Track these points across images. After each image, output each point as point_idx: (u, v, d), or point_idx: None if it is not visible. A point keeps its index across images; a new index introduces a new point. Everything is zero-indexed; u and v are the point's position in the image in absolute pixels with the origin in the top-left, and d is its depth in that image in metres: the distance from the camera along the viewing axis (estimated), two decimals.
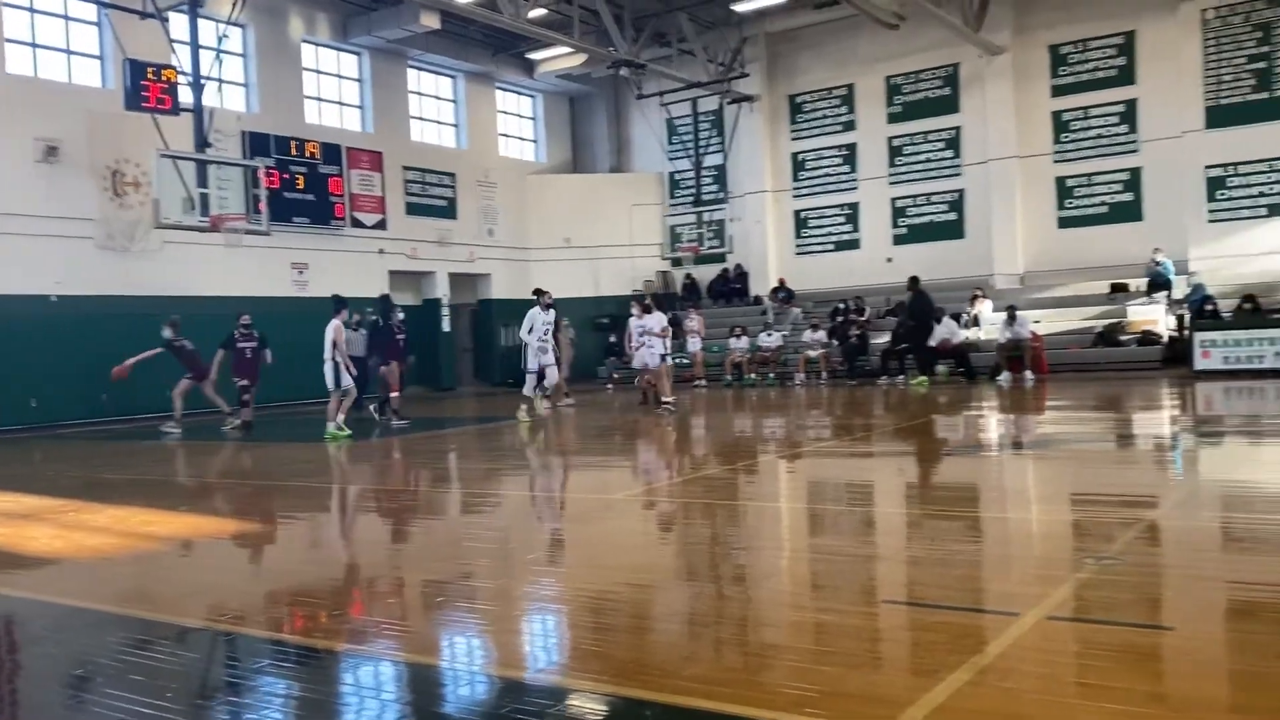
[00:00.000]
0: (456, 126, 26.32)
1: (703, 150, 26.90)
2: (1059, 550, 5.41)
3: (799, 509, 7.42)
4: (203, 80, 16.86)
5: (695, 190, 26.85)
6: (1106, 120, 22.44)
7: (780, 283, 25.83)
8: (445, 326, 25.13)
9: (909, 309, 19.33)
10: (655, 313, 16.01)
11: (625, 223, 27.77)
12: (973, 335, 20.56)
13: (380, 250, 23.38)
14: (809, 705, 3.12)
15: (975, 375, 18.85)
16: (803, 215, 26.45)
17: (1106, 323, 20.19)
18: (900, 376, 19.28)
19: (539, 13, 20.54)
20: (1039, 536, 5.92)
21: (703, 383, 21.40)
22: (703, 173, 26.92)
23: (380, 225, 23.56)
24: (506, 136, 27.89)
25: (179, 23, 17.17)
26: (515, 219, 27.14)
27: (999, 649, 3.58)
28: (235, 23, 18.55)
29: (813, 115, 26.15)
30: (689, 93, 25.54)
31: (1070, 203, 22.96)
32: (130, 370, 14.98)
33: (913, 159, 24.78)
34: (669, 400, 15.11)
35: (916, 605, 4.39)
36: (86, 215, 18.05)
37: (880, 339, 21.02)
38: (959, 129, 24.10)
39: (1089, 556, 4.95)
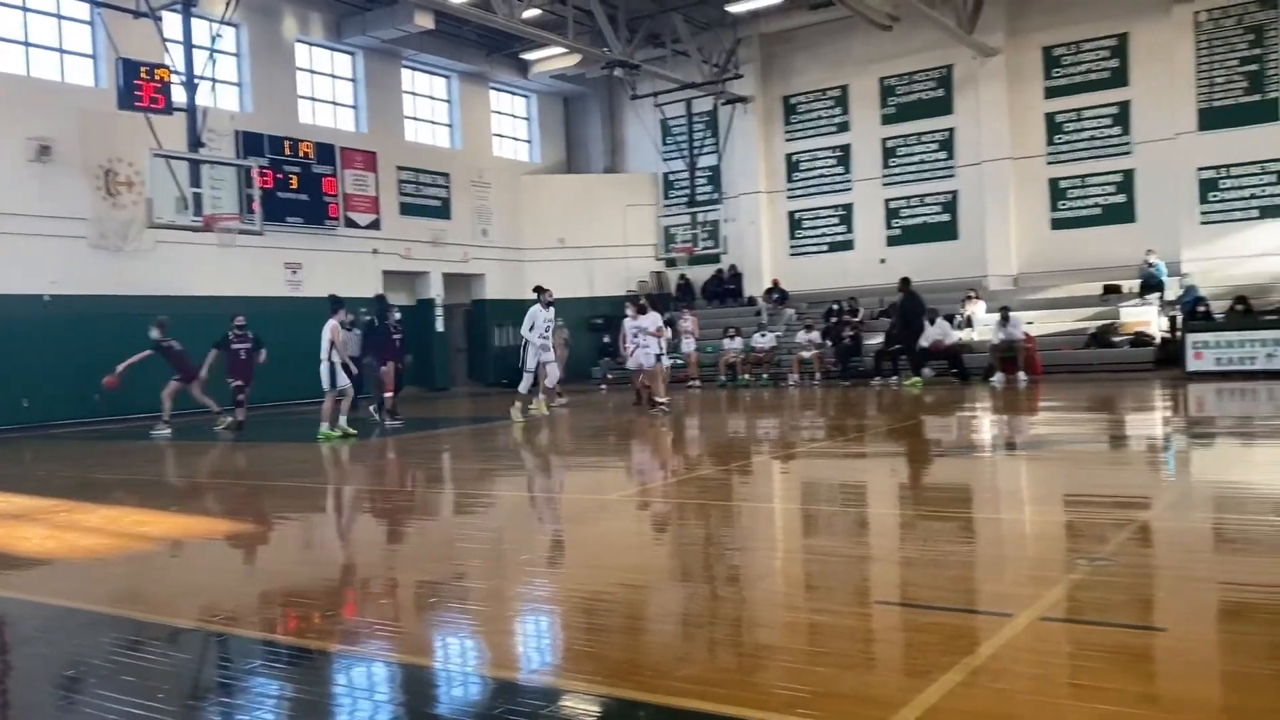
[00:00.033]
0: (451, 126, 26.29)
1: (697, 151, 26.90)
2: (1052, 551, 5.42)
3: (793, 510, 7.43)
4: (196, 80, 16.83)
5: (689, 191, 26.86)
6: (1100, 122, 22.50)
7: (774, 283, 25.86)
8: (439, 327, 25.11)
9: (899, 310, 19.37)
10: (650, 313, 16.02)
11: (619, 223, 27.77)
12: (966, 336, 20.60)
13: (374, 250, 23.35)
14: (802, 706, 3.12)
15: (968, 376, 18.89)
16: (797, 216, 26.47)
17: (1099, 324, 20.24)
18: (894, 377, 19.31)
19: (533, 13, 20.52)
20: (1032, 537, 5.93)
21: (697, 383, 21.42)
22: (697, 173, 26.92)
23: (374, 225, 23.53)
24: (501, 137, 27.87)
25: (172, 22, 17.15)
26: (509, 219, 27.12)
27: (992, 650, 3.59)
28: (229, 22, 18.51)
29: (807, 116, 26.18)
30: (683, 93, 25.55)
31: (1063, 204, 23.01)
32: (120, 379, 14.95)
33: (906, 160, 24.82)
34: (663, 401, 15.11)
35: (910, 606, 4.39)
36: (79, 215, 18.00)
37: (874, 340, 21.05)
38: (953, 130, 24.15)
39: (1082, 557, 4.96)
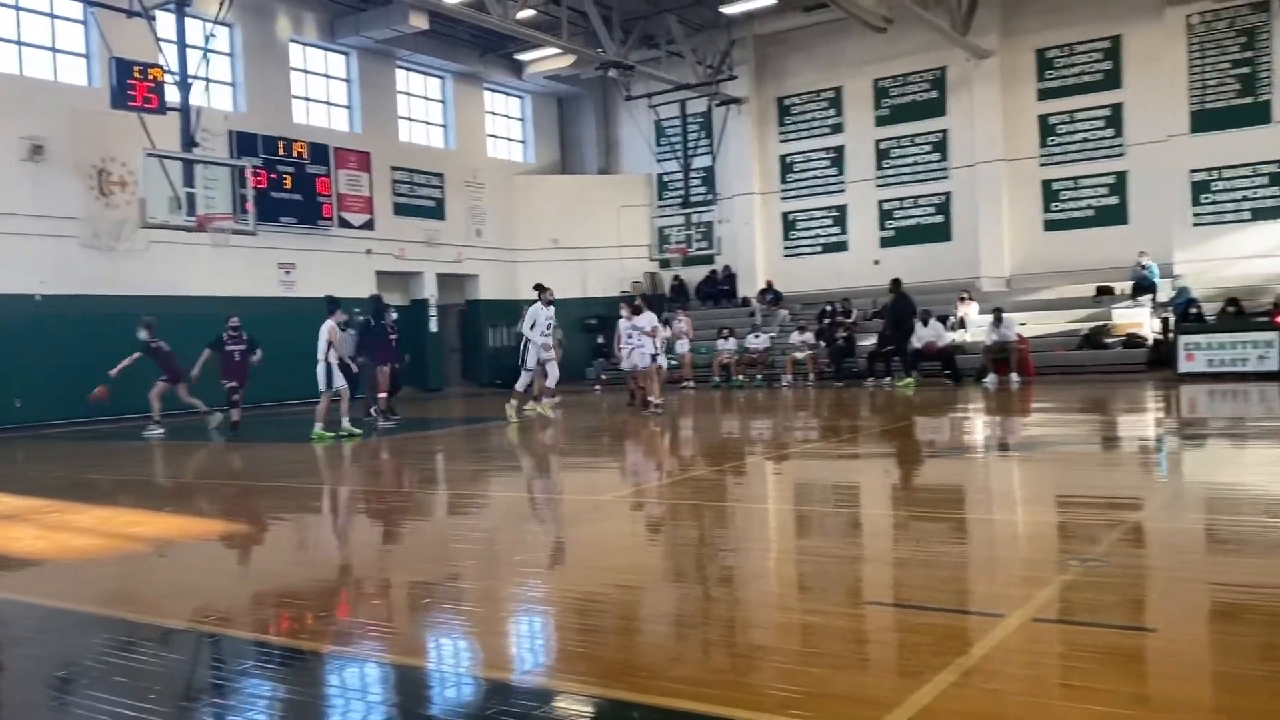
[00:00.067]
0: (445, 127, 26.27)
1: (691, 152, 26.91)
2: (1044, 552, 5.43)
3: (786, 510, 7.44)
4: (190, 79, 16.78)
5: (683, 192, 26.87)
6: (1093, 124, 22.57)
7: (768, 284, 25.88)
8: (433, 327, 25.08)
9: (890, 311, 19.40)
10: (646, 313, 16.02)
11: (613, 224, 27.77)
12: (959, 337, 20.64)
13: (368, 250, 23.32)
14: (795, 707, 3.13)
15: (961, 377, 18.93)
16: (790, 217, 26.50)
17: (1092, 325, 20.30)
18: (887, 378, 19.34)
19: (527, 14, 20.50)
20: (1024, 538, 5.94)
21: (690, 384, 21.42)
22: (691, 174, 26.94)
23: (368, 225, 23.50)
24: (495, 137, 27.85)
25: (166, 21, 17.09)
26: (503, 220, 27.10)
27: (984, 650, 3.60)
28: (222, 22, 18.46)
29: (801, 117, 26.21)
30: (677, 94, 25.57)
31: (1056, 206, 23.07)
32: (109, 391, 14.97)
33: (900, 162, 24.86)
34: (657, 402, 15.11)
35: (902, 607, 4.40)
36: (72, 214, 17.94)
37: (867, 341, 21.07)
38: (946, 132, 24.20)
39: (1074, 558, 4.97)
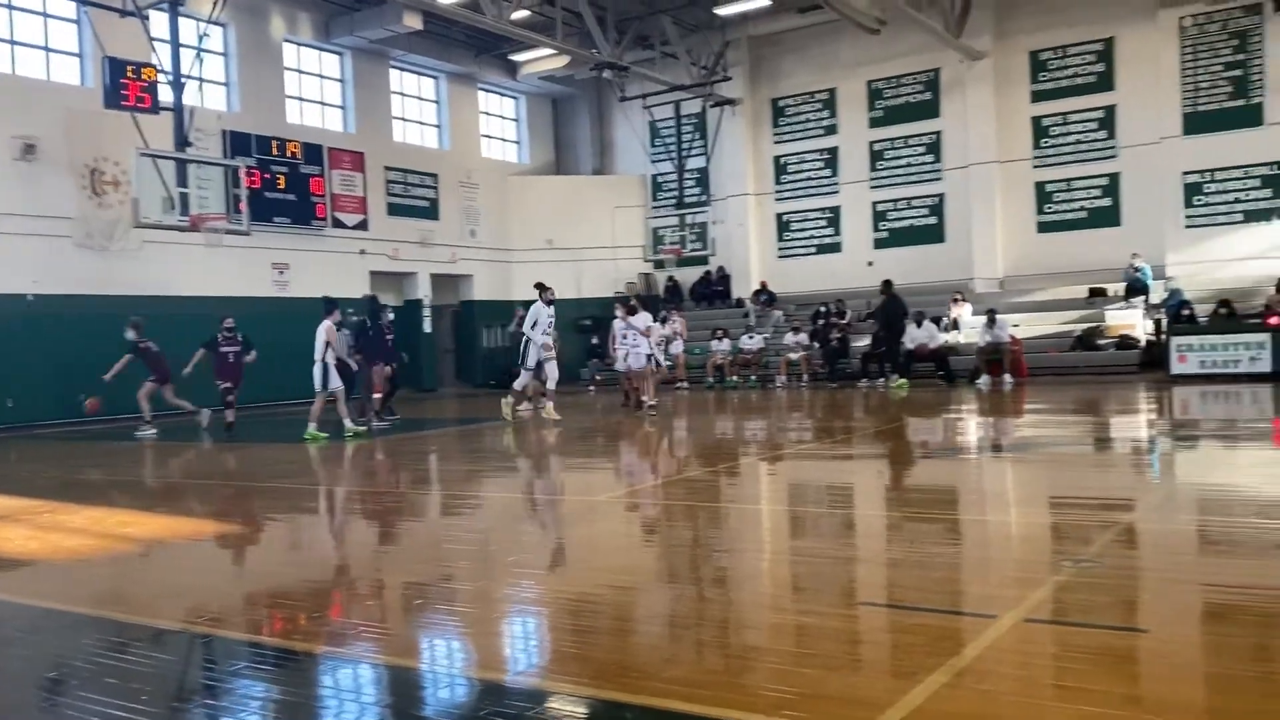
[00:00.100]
0: (439, 127, 26.26)
1: (685, 153, 26.94)
2: (1037, 553, 5.44)
3: (780, 511, 7.44)
4: (183, 79, 16.76)
5: (678, 193, 26.89)
6: (1086, 126, 22.62)
7: (762, 285, 25.91)
8: (427, 328, 25.06)
9: (881, 312, 19.44)
10: (641, 313, 16.01)
11: (608, 225, 27.78)
12: (952, 339, 20.68)
13: (361, 251, 23.30)
14: (788, 707, 3.13)
15: (955, 378, 18.97)
16: (784, 218, 26.53)
17: (1085, 327, 20.36)
18: (880, 379, 19.37)
19: (522, 14, 20.50)
20: (1017, 539, 5.95)
21: (684, 385, 21.43)
22: (685, 175, 26.96)
23: (362, 226, 23.47)
24: (489, 138, 27.84)
25: (159, 21, 17.07)
26: (497, 220, 27.09)
27: (976, 651, 3.60)
28: (216, 21, 18.45)
29: (795, 119, 26.23)
30: (672, 95, 25.59)
31: (1049, 208, 23.12)
32: (99, 404, 15.13)
33: (894, 163, 24.90)
34: (651, 402, 15.11)
35: (895, 607, 4.40)
36: (65, 214, 17.89)
37: (861, 342, 21.12)
38: (939, 134, 24.24)
39: (1066, 559, 4.98)
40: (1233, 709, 3.11)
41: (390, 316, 16.43)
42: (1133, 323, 19.95)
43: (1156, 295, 20.27)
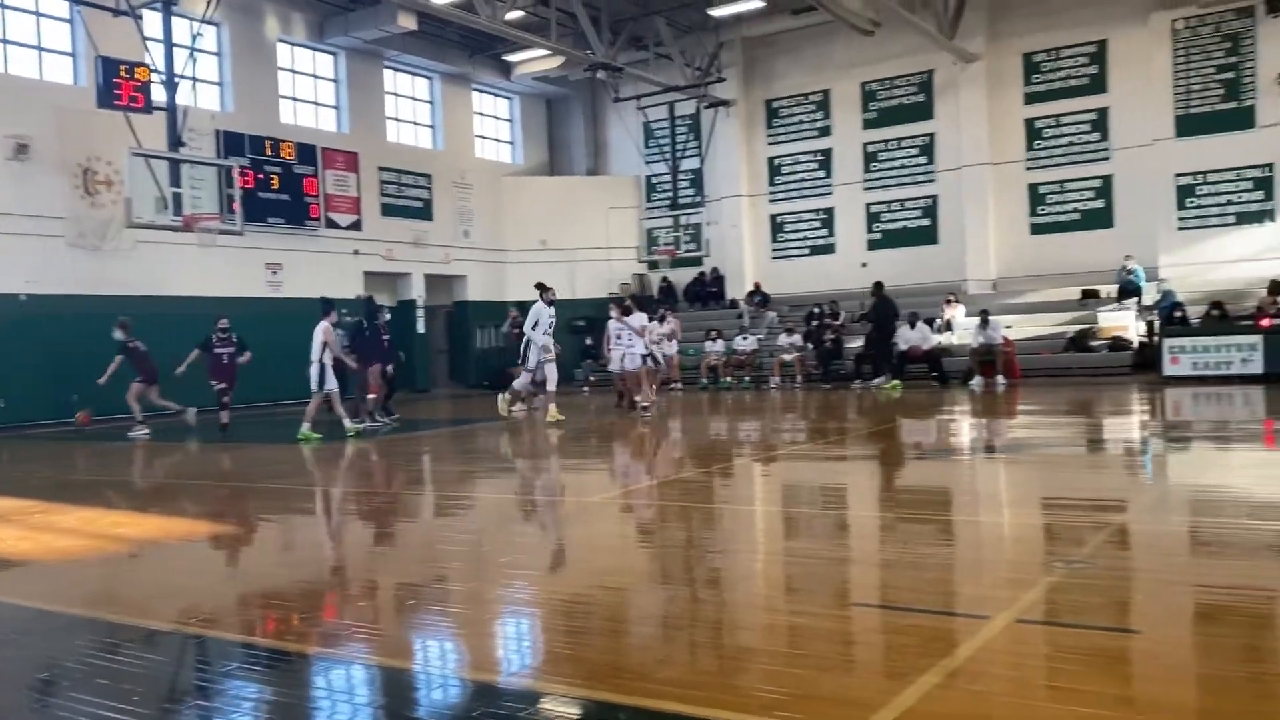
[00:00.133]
0: (433, 128, 26.22)
1: (679, 154, 26.93)
2: (1029, 554, 5.45)
3: (774, 512, 7.45)
4: (176, 79, 16.70)
5: (672, 193, 26.88)
6: (1079, 128, 22.68)
7: (756, 286, 25.93)
8: (420, 328, 25.03)
9: (872, 313, 19.46)
10: (636, 313, 16.00)
11: (602, 225, 27.77)
12: (945, 340, 20.71)
13: (355, 251, 23.26)
14: (781, 708, 3.13)
15: (948, 379, 19.00)
16: (778, 219, 26.55)
17: (1078, 328, 20.40)
18: (874, 380, 19.38)
19: (516, 15, 20.50)
20: (1010, 540, 5.96)
21: (679, 386, 21.44)
22: (679, 176, 26.94)
23: (355, 226, 23.44)
24: (483, 138, 27.81)
25: (153, 20, 17.01)
26: (491, 221, 27.07)
27: (969, 652, 3.61)
28: (210, 21, 18.37)
29: (789, 120, 26.26)
30: (666, 96, 25.58)
31: (1042, 209, 23.17)
32: (90, 417, 15.44)
33: (887, 164, 24.94)
34: (645, 403, 15.11)
35: (888, 608, 4.41)
36: (57, 214, 17.84)
37: (855, 343, 21.13)
38: (933, 135, 24.28)
39: (1059, 560, 5.00)
40: (1224, 710, 3.12)
41: (387, 317, 16.42)
42: (1125, 324, 20.00)
43: (1149, 297, 20.31)
